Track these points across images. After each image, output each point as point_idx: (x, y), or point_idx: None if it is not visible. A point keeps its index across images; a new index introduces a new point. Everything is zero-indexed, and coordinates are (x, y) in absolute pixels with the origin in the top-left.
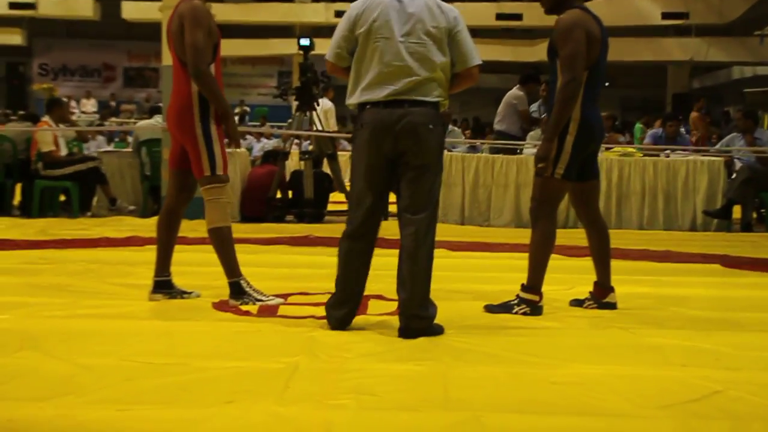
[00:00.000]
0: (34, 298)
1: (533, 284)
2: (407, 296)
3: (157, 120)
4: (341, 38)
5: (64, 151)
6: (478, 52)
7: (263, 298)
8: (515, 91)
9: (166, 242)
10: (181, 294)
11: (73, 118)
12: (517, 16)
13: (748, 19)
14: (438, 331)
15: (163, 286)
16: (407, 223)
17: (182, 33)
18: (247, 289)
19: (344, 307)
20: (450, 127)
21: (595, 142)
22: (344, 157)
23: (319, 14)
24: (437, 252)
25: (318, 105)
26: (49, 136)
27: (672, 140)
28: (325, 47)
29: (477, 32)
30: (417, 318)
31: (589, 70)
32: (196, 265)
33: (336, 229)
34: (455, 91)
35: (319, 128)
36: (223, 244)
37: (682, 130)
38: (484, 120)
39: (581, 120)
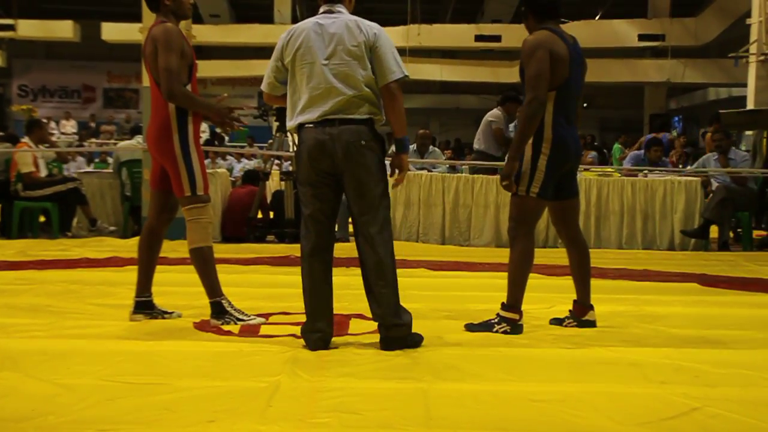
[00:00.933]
0: (13, 319)
1: (513, 302)
2: (382, 309)
3: (138, 140)
4: (271, 69)
5: (44, 172)
6: (402, 68)
7: (244, 317)
8: (494, 111)
9: (147, 263)
10: (162, 314)
11: (53, 139)
12: (496, 38)
13: (723, 41)
14: (418, 340)
15: (144, 306)
16: (364, 238)
17: (156, 56)
18: (229, 309)
19: (319, 326)
20: (431, 147)
21: (571, 161)
22: None
23: None
24: (418, 271)
25: None
26: (28, 157)
27: (654, 164)
28: None
29: (456, 53)
30: (395, 326)
31: (558, 90)
32: (178, 286)
33: None
34: (394, 115)
35: None
36: (204, 264)
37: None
38: (464, 140)
39: (554, 139)
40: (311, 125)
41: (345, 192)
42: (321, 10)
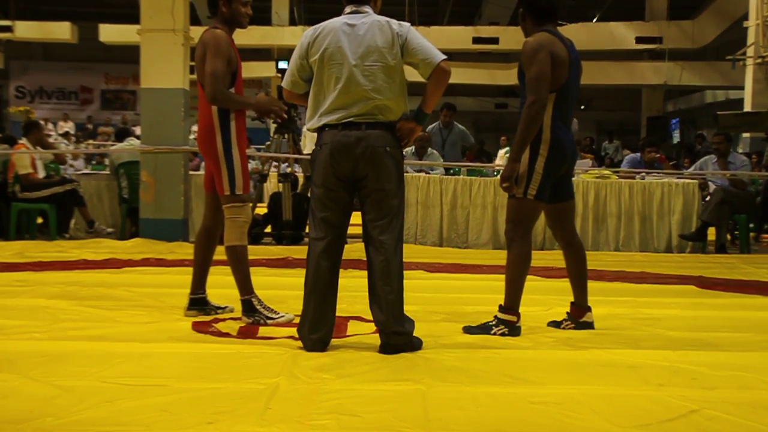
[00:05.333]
0: (11, 321)
1: (510, 305)
2: (385, 316)
3: (132, 142)
4: (295, 67)
5: (41, 174)
6: (437, 49)
7: (274, 316)
8: None
9: (202, 262)
10: (216, 309)
11: (50, 140)
12: (494, 40)
13: (721, 43)
14: (417, 345)
15: (199, 303)
16: (376, 244)
17: (204, 60)
18: (259, 308)
19: (320, 330)
20: (429, 150)
21: (567, 162)
22: None
23: (297, 37)
24: (415, 273)
25: (299, 127)
26: (26, 159)
27: (649, 166)
28: None
29: (454, 56)
30: (396, 335)
31: (558, 92)
32: (180, 287)
33: None
34: (437, 93)
35: (296, 151)
36: (237, 262)
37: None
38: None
39: (552, 141)
40: (336, 127)
41: (361, 196)
42: (347, 9)
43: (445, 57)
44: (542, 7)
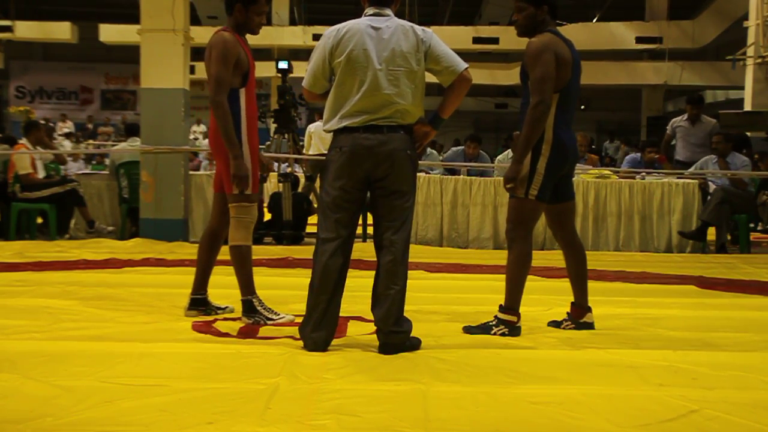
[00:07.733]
0: (11, 321)
1: (511, 305)
2: (384, 314)
3: (136, 141)
4: (318, 67)
5: (42, 174)
6: (458, 57)
7: (274, 317)
8: (676, 121)
9: (206, 262)
10: (216, 310)
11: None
12: (494, 40)
13: (721, 43)
14: (416, 344)
15: (199, 303)
16: (387, 244)
17: (210, 63)
18: (259, 308)
19: (323, 330)
20: (428, 150)
21: (569, 163)
22: None
23: (297, 37)
24: (415, 273)
25: (298, 126)
26: (26, 159)
27: (649, 166)
28: (302, 70)
29: None
30: (394, 333)
31: (561, 93)
32: (180, 287)
33: None
34: (458, 100)
35: (296, 151)
36: (241, 261)
37: None
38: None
39: (554, 141)
40: (357, 130)
41: (375, 196)
42: (368, 11)
43: (467, 65)
44: (557, 4)
